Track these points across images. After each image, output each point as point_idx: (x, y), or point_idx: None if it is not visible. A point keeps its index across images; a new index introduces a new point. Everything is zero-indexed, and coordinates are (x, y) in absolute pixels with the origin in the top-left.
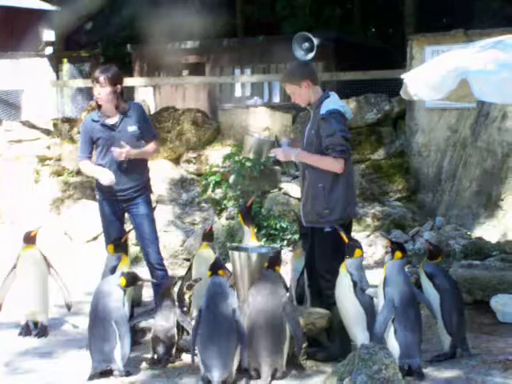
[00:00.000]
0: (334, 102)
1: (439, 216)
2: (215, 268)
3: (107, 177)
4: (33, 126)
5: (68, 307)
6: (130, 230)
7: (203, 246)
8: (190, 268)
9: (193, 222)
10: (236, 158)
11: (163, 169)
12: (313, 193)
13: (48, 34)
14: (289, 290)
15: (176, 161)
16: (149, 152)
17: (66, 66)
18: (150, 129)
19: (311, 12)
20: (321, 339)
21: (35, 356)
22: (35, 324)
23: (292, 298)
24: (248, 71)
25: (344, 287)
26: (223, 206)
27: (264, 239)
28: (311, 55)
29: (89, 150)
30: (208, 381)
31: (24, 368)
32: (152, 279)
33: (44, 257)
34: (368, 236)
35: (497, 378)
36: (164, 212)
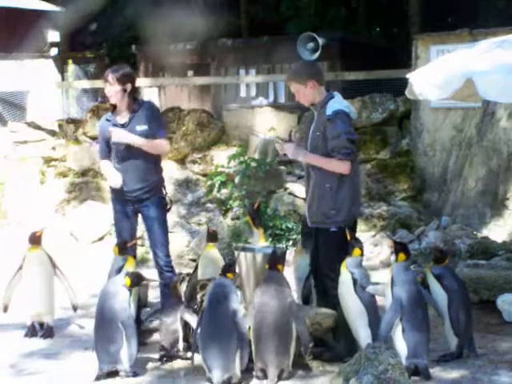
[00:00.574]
0: (339, 103)
1: (445, 215)
2: (225, 270)
3: (114, 179)
4: (38, 127)
5: (74, 308)
6: (138, 238)
7: (208, 247)
8: (196, 268)
9: (198, 223)
10: (241, 159)
11: (168, 169)
12: (319, 193)
13: (53, 35)
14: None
15: (181, 161)
16: (155, 146)
17: (71, 67)
18: (159, 128)
19: (316, 12)
20: (327, 339)
21: (41, 357)
22: (41, 325)
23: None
24: (253, 71)
25: (345, 285)
26: (229, 207)
27: (270, 239)
28: (316, 55)
29: (106, 150)
30: (211, 381)
31: (30, 369)
32: (156, 279)
33: (50, 258)
34: (374, 236)
35: (503, 378)
36: (169, 212)
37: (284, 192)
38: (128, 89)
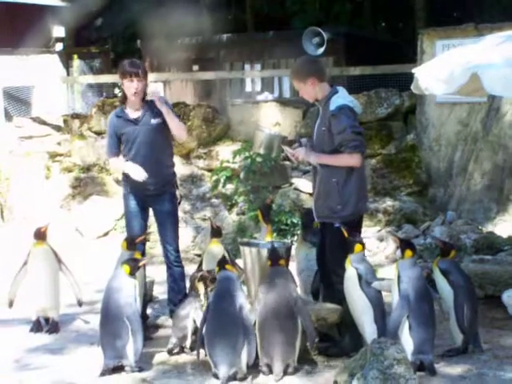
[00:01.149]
0: (343, 98)
1: (450, 210)
2: (222, 263)
3: (139, 173)
4: (43, 123)
5: (79, 303)
6: (148, 233)
7: (213, 242)
8: (201, 264)
9: (203, 218)
10: (246, 154)
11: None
12: (326, 188)
13: (58, 31)
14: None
15: (186, 156)
16: (180, 124)
17: (76, 62)
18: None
19: (321, 7)
20: (332, 334)
21: (46, 352)
22: (46, 320)
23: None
24: (258, 66)
25: (350, 281)
26: (234, 202)
27: (275, 234)
28: (321, 50)
29: (115, 146)
30: (217, 376)
31: (35, 364)
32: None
33: (55, 253)
34: (379, 231)
35: (509, 373)
36: None
37: (289, 187)
38: (147, 82)
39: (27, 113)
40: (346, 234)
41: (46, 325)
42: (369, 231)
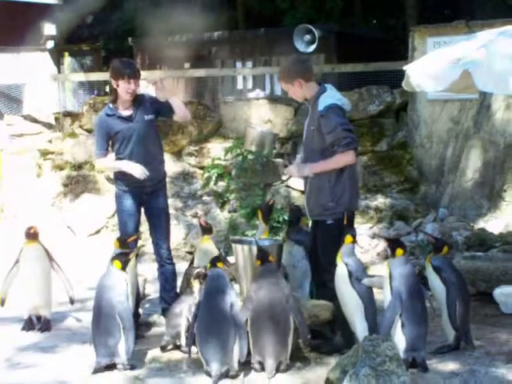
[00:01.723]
0: (331, 97)
1: (442, 207)
2: (215, 261)
3: (139, 169)
4: (34, 120)
5: (71, 301)
6: (141, 233)
7: (204, 240)
8: (193, 261)
9: (195, 215)
10: (238, 151)
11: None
12: (317, 186)
13: (49, 28)
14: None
15: (178, 154)
16: (180, 102)
17: (68, 60)
18: (165, 103)
19: (312, 4)
20: (324, 331)
21: (38, 350)
22: (38, 318)
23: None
24: (249, 64)
25: (340, 278)
26: (225, 199)
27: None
28: (313, 47)
29: (105, 147)
30: (209, 374)
31: (27, 362)
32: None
33: (47, 251)
34: (371, 228)
35: (500, 370)
36: None
37: (281, 184)
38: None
39: (18, 111)
40: (345, 221)
41: (38, 323)
42: (360, 228)
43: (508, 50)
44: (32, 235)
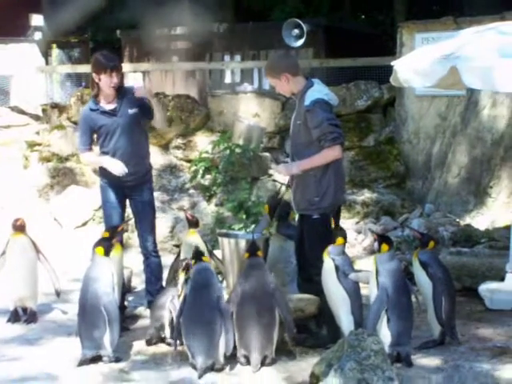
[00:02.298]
0: (318, 91)
1: (428, 203)
2: (198, 255)
3: (119, 167)
4: (22, 112)
5: (57, 293)
6: (127, 221)
7: (190, 233)
8: (179, 255)
9: (182, 208)
10: (225, 144)
11: (152, 155)
12: (304, 181)
13: (37, 19)
14: None
15: (165, 147)
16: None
17: (55, 52)
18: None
19: None
20: (310, 326)
21: (24, 342)
22: (24, 310)
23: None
24: (238, 57)
25: (327, 272)
26: (212, 192)
27: (253, 226)
28: (301, 42)
29: (89, 141)
30: (195, 367)
31: (13, 355)
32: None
33: (33, 243)
34: (357, 223)
35: (485, 365)
36: None
37: (268, 178)
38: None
39: (5, 102)
40: (334, 225)
41: (24, 315)
42: (347, 223)
43: (495, 47)
44: (19, 227)
